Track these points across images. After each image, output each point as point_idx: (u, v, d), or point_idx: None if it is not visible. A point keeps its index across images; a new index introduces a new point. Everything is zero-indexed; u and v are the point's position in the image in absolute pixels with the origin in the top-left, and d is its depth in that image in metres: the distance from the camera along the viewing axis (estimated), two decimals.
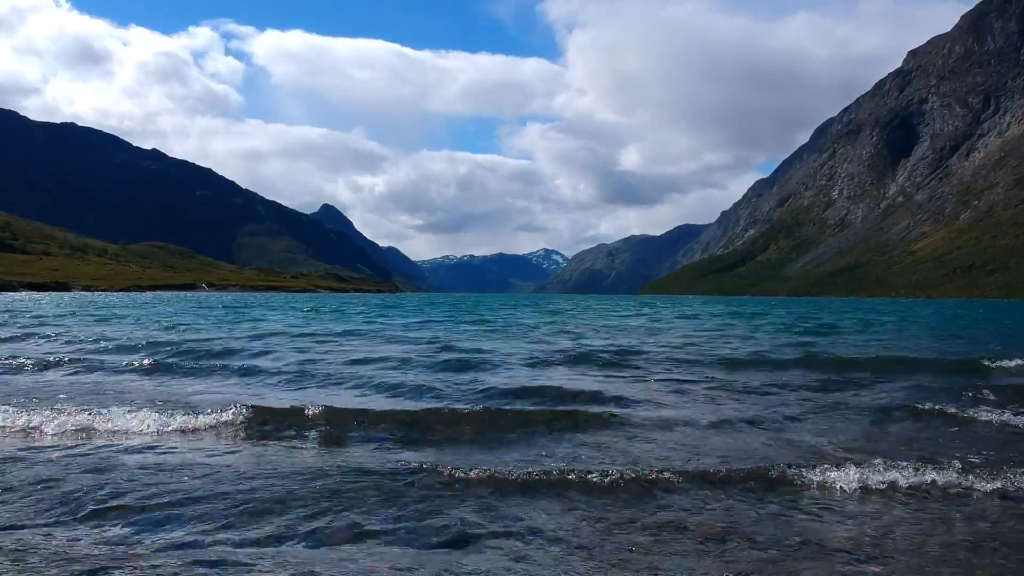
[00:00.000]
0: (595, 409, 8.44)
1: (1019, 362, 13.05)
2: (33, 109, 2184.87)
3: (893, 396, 9.63)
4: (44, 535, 4.12)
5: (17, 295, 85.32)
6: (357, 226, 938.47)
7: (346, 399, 9.25)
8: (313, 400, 8.48)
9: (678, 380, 11.19)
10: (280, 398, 9.26)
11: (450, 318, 33.72)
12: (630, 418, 7.94)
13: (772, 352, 16.17)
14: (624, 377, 11.69)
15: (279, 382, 10.81)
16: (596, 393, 9.66)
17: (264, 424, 7.41)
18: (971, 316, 45.10)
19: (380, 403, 9.01)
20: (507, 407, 8.66)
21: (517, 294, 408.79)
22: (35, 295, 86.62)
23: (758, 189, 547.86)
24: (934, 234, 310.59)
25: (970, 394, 9.54)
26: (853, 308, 68.45)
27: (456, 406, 8.63)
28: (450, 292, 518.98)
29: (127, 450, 6.24)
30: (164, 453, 6.18)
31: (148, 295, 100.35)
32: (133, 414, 7.40)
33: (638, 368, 12.80)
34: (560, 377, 11.74)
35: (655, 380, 11.23)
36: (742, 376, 11.73)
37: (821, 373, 12.15)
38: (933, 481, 5.36)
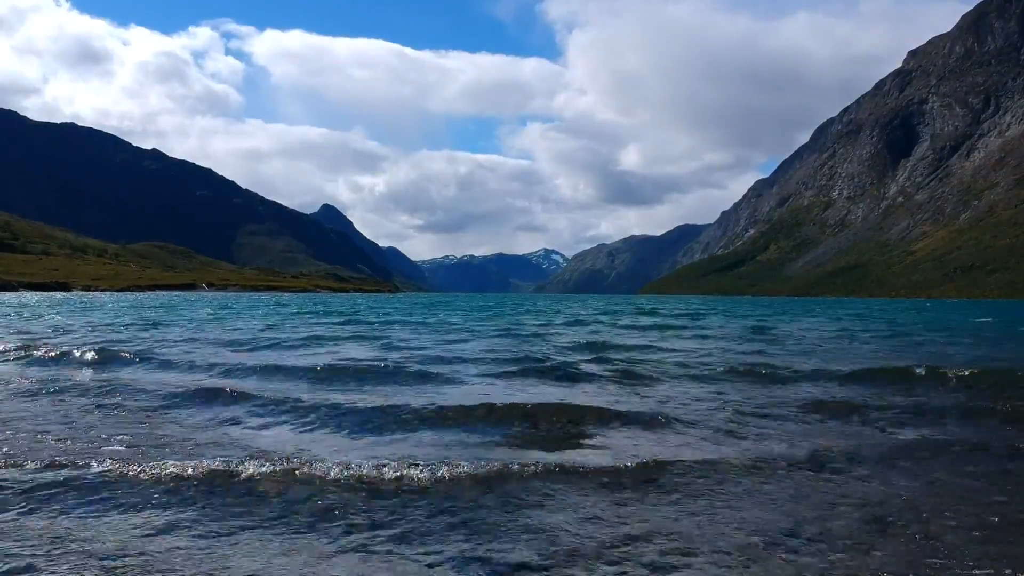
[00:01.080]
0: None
1: None
2: (33, 109, 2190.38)
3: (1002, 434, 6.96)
4: None
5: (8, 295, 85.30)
6: (357, 226, 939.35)
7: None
8: None
9: (686, 395, 9.13)
10: None
11: (433, 319, 32.99)
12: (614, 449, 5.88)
13: (789, 360, 13.23)
14: (618, 394, 9.35)
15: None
16: (572, 410, 7.61)
17: None
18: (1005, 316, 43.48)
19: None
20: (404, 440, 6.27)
21: (516, 294, 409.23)
22: (26, 295, 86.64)
23: (758, 189, 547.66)
24: (934, 234, 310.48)
25: None
26: (864, 307, 66.84)
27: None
28: (450, 292, 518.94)
29: None
30: None
31: (125, 295, 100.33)
32: None
33: (636, 382, 10.26)
34: (533, 391, 9.43)
35: (658, 395, 9.10)
36: (760, 391, 9.38)
37: (865, 387, 9.76)
38: None
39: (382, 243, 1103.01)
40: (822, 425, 7.31)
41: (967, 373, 10.37)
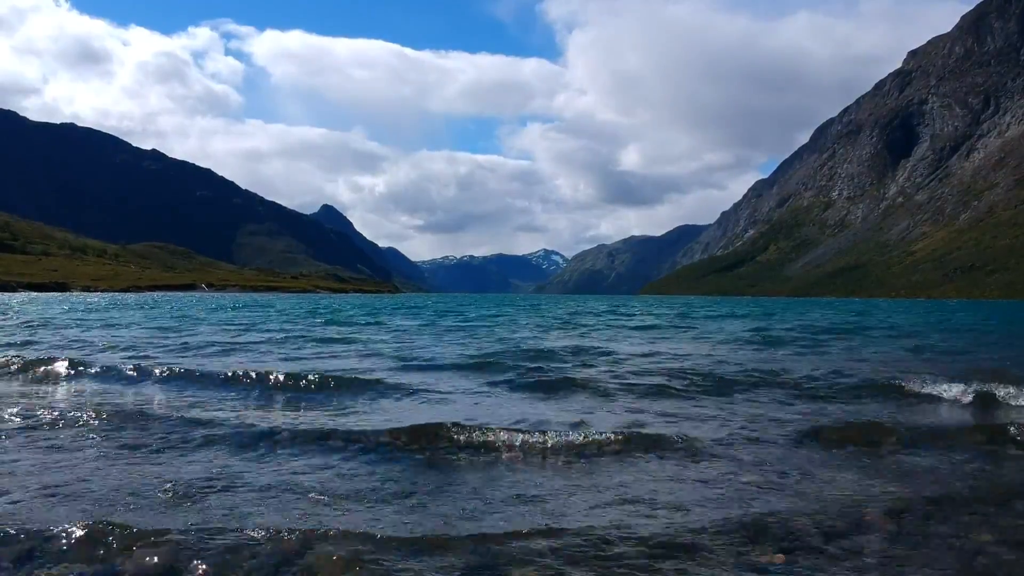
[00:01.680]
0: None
1: None
2: (33, 109, 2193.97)
3: None
4: None
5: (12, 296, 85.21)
6: (357, 226, 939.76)
7: None
8: None
9: (690, 409, 7.71)
10: None
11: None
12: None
13: (796, 366, 12.01)
14: (610, 407, 7.90)
15: None
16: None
17: None
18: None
19: None
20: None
21: (516, 294, 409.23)
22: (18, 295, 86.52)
23: (758, 189, 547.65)
24: (934, 234, 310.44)
25: None
26: (864, 306, 66.12)
27: None
28: (449, 292, 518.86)
29: None
30: None
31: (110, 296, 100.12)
32: None
33: (632, 391, 8.94)
34: (511, 406, 8.18)
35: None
36: (769, 406, 8.05)
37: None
38: None
39: (382, 243, 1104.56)
40: (854, 457, 5.72)
41: None
